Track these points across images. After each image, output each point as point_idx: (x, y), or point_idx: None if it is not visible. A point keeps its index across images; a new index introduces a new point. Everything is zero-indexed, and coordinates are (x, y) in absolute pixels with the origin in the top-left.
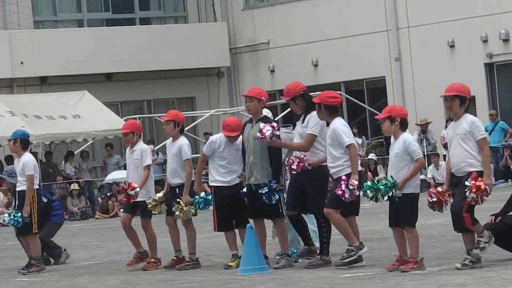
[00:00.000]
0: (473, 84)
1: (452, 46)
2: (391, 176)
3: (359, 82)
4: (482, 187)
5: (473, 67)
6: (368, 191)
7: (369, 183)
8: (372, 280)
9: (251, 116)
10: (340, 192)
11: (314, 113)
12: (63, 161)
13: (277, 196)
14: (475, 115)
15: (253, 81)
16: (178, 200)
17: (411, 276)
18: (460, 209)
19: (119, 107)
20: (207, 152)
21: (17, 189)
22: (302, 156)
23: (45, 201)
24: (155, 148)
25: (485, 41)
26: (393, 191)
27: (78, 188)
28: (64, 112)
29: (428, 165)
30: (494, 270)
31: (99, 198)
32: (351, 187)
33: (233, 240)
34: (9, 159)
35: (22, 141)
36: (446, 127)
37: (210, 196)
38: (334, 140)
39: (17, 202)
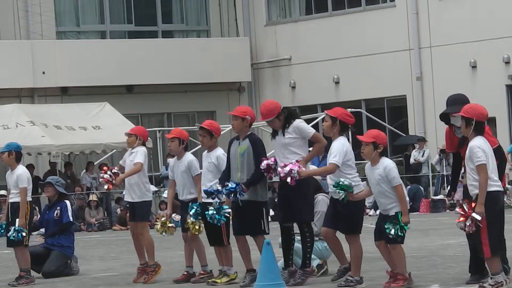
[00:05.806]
0: (494, 106)
1: (474, 67)
2: (350, 184)
3: (380, 101)
4: (474, 216)
5: (494, 89)
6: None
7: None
8: None
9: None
10: (282, 174)
11: (298, 121)
12: (83, 172)
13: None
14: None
15: (274, 97)
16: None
17: None
18: (478, 235)
19: (140, 119)
20: None
21: (10, 201)
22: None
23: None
24: None
25: (507, 63)
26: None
27: (96, 199)
28: (85, 123)
29: (447, 185)
30: None
31: (118, 210)
32: (293, 174)
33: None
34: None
35: (17, 154)
36: None
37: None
38: None
39: (9, 215)
